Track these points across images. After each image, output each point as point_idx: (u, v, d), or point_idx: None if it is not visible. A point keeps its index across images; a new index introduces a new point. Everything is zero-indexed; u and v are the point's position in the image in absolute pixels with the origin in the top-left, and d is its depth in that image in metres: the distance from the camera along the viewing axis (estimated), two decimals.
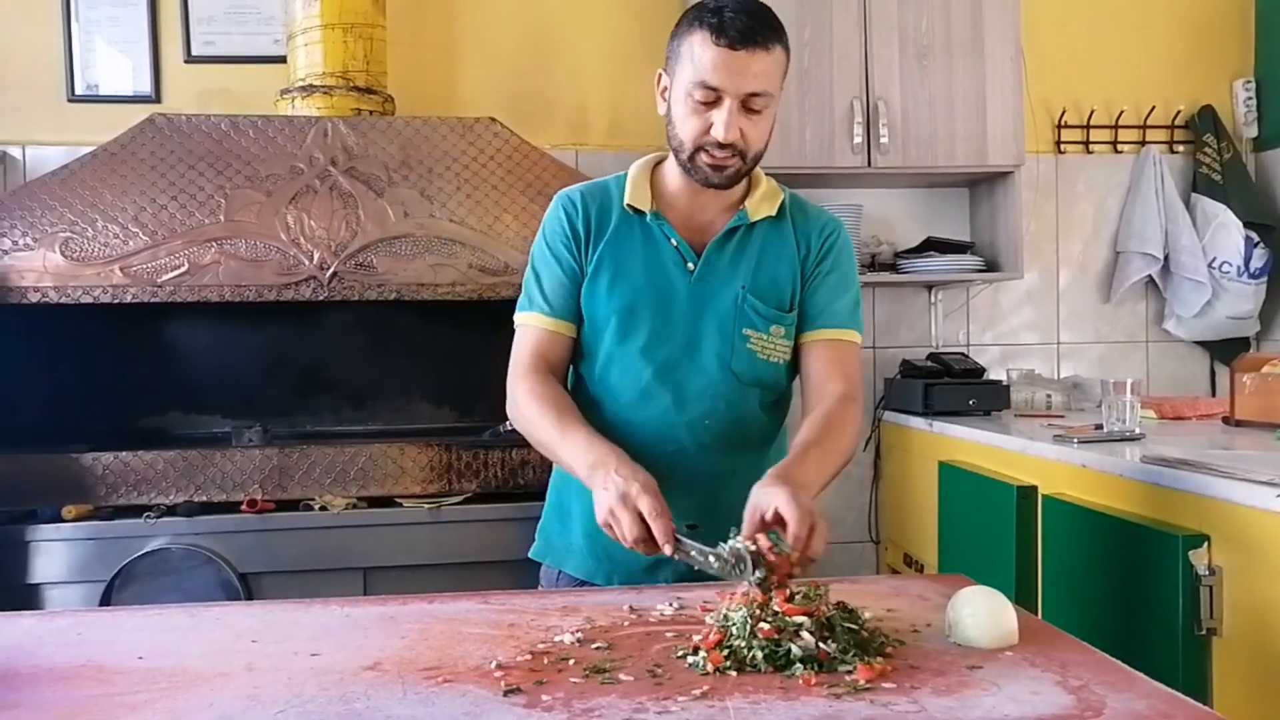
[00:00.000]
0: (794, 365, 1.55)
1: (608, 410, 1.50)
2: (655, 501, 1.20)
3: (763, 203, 1.51)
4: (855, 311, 1.56)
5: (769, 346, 1.51)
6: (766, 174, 1.54)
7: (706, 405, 1.49)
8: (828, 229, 1.56)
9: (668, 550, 1.18)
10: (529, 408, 1.43)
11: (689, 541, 1.18)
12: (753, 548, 1.12)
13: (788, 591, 1.08)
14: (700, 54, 1.36)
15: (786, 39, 1.40)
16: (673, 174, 1.50)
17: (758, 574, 1.10)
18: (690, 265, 1.49)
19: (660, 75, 1.47)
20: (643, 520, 1.19)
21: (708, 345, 1.48)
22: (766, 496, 1.22)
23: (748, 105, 1.37)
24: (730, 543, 1.14)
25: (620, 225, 1.51)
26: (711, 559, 1.14)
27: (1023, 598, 2.04)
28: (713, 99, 1.37)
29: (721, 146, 1.38)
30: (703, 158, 1.40)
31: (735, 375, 1.49)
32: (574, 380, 1.57)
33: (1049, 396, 2.88)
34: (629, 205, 1.50)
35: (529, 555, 1.61)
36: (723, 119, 1.37)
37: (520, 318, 1.53)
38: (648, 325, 1.47)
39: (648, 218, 1.49)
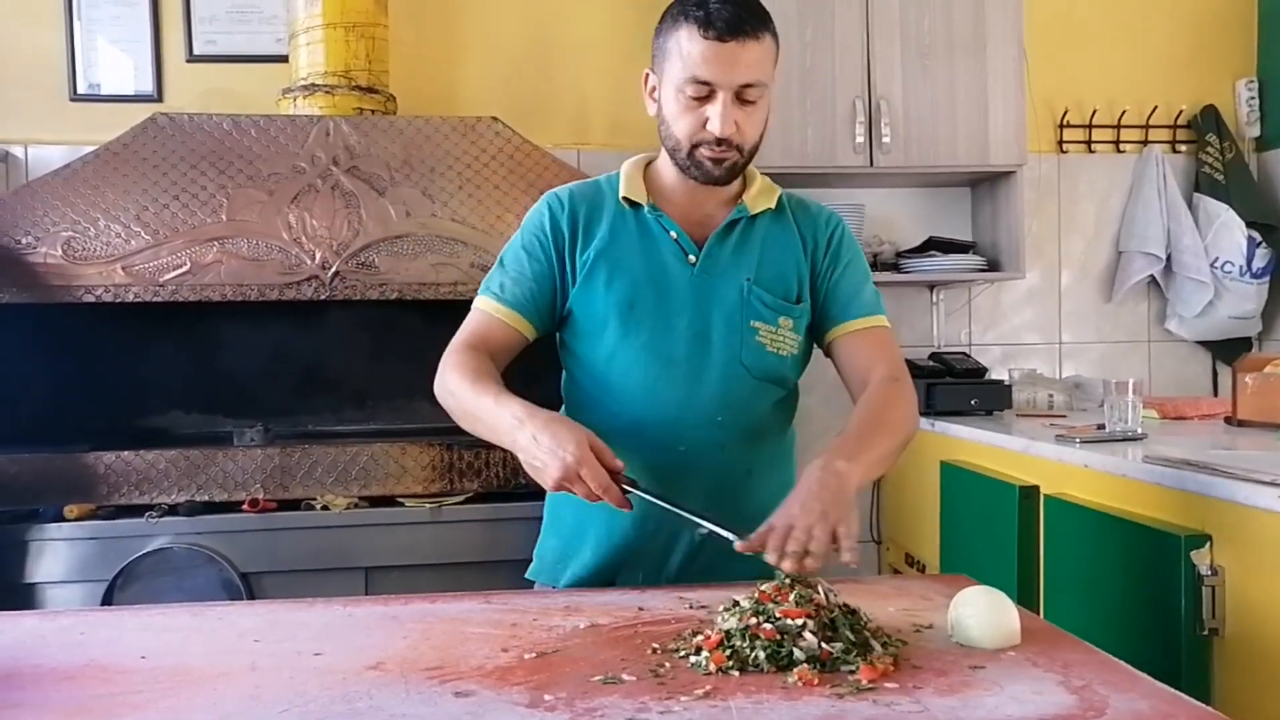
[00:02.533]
0: (803, 361, 1.52)
1: (611, 411, 1.45)
2: (596, 471, 1.21)
3: (761, 196, 1.48)
4: (879, 300, 1.53)
5: (778, 339, 1.46)
6: (765, 174, 1.53)
7: (719, 400, 1.43)
8: (831, 222, 1.54)
9: (626, 509, 1.24)
10: (451, 377, 1.38)
11: (643, 495, 1.26)
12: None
13: (790, 595, 1.08)
14: (689, 48, 1.33)
15: (774, 26, 1.37)
16: (668, 171, 1.47)
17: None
18: (691, 258, 1.45)
19: (648, 75, 1.44)
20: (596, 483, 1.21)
21: (716, 338, 1.43)
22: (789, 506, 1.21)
23: (741, 97, 1.34)
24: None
25: (615, 221, 1.46)
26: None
27: (1024, 598, 2.04)
28: (705, 93, 1.34)
29: (719, 141, 1.35)
30: (701, 152, 1.37)
31: (745, 369, 1.44)
32: (569, 384, 1.53)
33: (1051, 396, 2.88)
34: (624, 198, 1.46)
35: (526, 576, 1.56)
36: (718, 112, 1.34)
37: (476, 302, 1.49)
38: (650, 319, 1.43)
39: (645, 210, 1.45)
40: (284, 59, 2.71)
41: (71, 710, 0.93)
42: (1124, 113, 3.22)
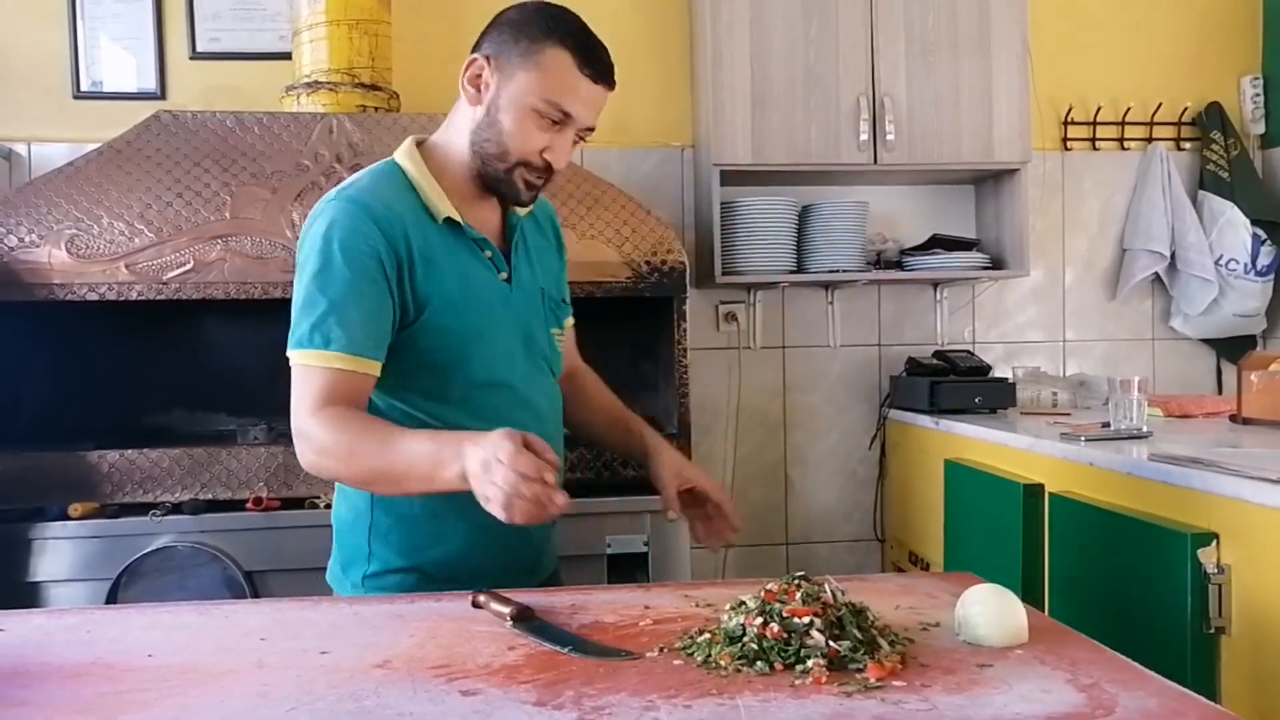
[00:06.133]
0: None
1: None
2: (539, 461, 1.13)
3: None
4: None
5: (563, 340, 1.51)
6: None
7: (554, 416, 1.45)
8: (555, 213, 1.58)
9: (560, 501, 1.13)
10: (340, 437, 1.22)
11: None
12: None
13: (797, 593, 1.07)
14: (563, 76, 1.30)
15: None
16: (455, 170, 1.36)
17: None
18: (503, 275, 1.39)
19: (483, 63, 1.33)
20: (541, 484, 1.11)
21: (537, 354, 1.42)
22: (683, 469, 1.43)
23: (580, 135, 1.36)
24: None
25: (429, 238, 1.32)
26: None
27: (1029, 596, 2.04)
28: (558, 121, 1.32)
29: (543, 168, 1.34)
30: (520, 174, 1.33)
31: (557, 377, 1.48)
32: (403, 423, 1.34)
33: (1055, 394, 2.88)
34: (448, 219, 1.34)
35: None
36: (564, 146, 1.33)
37: (306, 356, 1.27)
38: (489, 348, 1.35)
39: (464, 229, 1.35)
40: (287, 56, 2.71)
41: (78, 708, 0.92)
42: (1128, 110, 3.21)
